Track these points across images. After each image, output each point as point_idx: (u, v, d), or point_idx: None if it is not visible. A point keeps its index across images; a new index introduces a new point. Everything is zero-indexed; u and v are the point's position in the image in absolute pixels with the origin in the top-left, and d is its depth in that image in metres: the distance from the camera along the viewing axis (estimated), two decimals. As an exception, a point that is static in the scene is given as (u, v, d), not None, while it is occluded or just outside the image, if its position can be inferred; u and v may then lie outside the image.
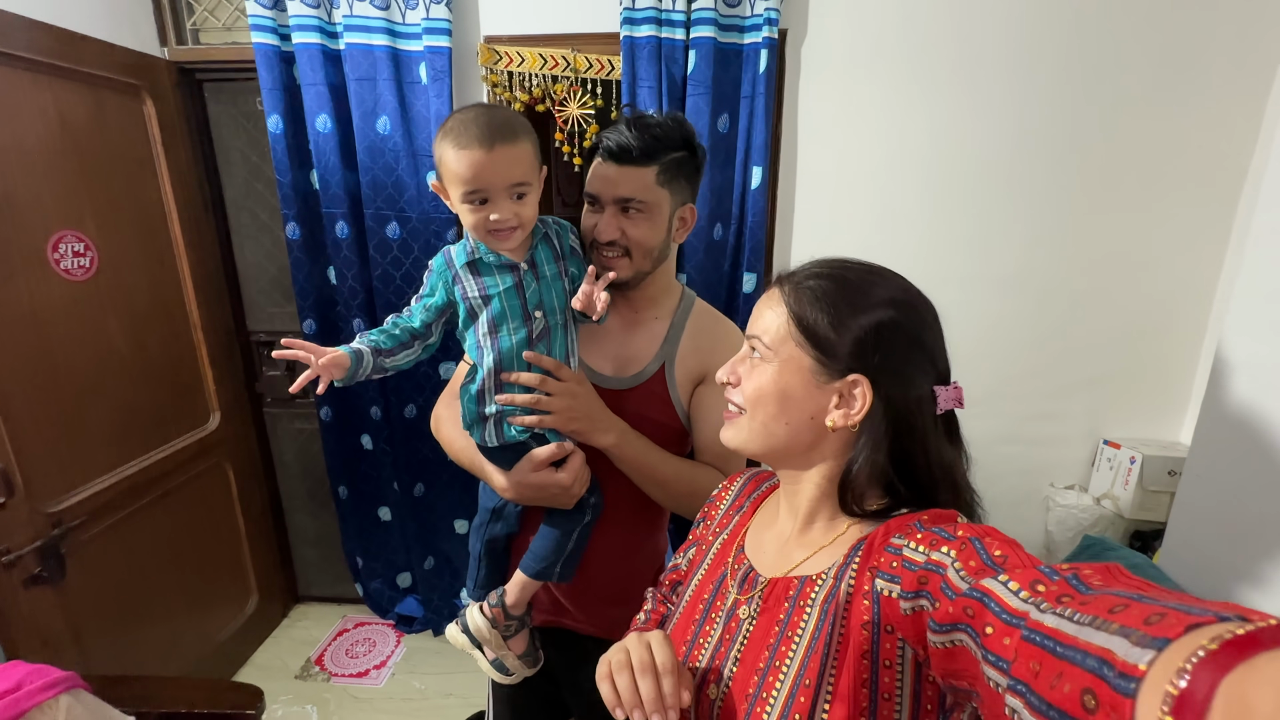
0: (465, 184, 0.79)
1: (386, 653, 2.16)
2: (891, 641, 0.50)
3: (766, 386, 0.60)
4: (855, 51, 1.66)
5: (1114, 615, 0.33)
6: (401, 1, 1.68)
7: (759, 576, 0.63)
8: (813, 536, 0.62)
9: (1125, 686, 0.30)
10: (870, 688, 0.51)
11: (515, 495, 0.91)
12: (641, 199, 0.88)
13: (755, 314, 0.63)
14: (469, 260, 0.86)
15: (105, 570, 1.60)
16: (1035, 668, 0.36)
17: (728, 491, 0.80)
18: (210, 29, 1.86)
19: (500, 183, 0.80)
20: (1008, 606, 0.40)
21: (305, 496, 2.32)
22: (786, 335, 0.59)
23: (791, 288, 0.61)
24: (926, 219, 1.75)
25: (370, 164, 1.78)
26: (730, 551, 0.69)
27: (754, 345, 0.62)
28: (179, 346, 1.87)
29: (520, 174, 0.81)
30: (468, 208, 0.81)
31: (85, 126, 1.55)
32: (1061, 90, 1.61)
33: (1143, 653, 0.30)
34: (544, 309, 0.87)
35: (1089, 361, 1.79)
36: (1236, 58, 1.54)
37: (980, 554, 0.46)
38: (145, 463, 1.72)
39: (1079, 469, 1.88)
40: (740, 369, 0.64)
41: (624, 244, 0.89)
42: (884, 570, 0.52)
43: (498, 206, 0.81)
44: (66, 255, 1.50)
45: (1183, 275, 1.70)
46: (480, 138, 0.77)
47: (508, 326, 0.86)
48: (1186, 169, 1.62)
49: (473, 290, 0.85)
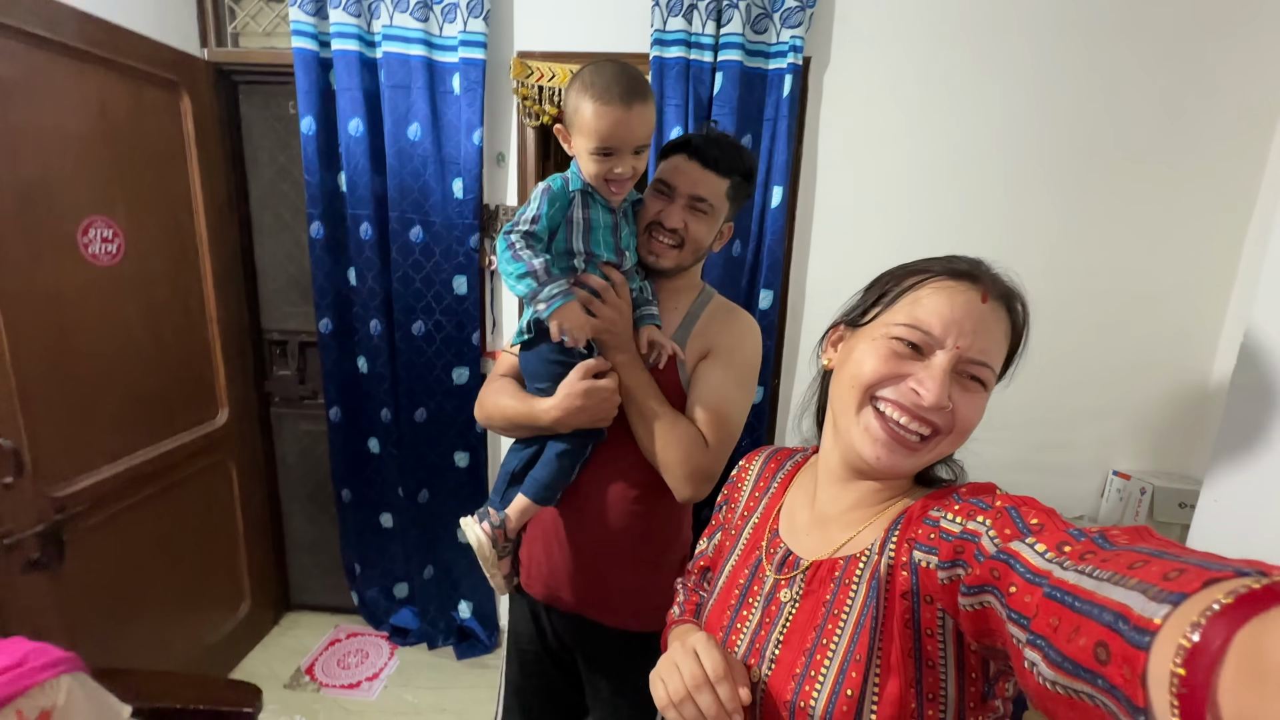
0: (600, 138, 0.86)
1: (379, 665, 2.10)
2: (931, 611, 0.51)
3: (979, 417, 0.56)
4: (875, 81, 1.72)
5: (1133, 571, 0.33)
6: (440, 14, 1.74)
7: (799, 559, 0.63)
8: (855, 516, 0.62)
9: (1139, 639, 0.30)
10: (915, 657, 0.51)
11: (563, 410, 0.93)
12: (712, 203, 0.96)
13: (979, 329, 0.55)
14: (583, 190, 0.93)
15: (102, 561, 1.57)
16: (1054, 622, 0.36)
17: (747, 473, 0.79)
18: (250, 34, 1.92)
19: (631, 140, 0.87)
20: (1032, 566, 0.41)
21: (305, 500, 2.28)
22: (999, 361, 0.57)
23: (1008, 308, 0.58)
24: (941, 246, 1.77)
25: (399, 168, 1.81)
26: (764, 535, 0.69)
27: (978, 374, 0.55)
28: (194, 339, 1.87)
29: (646, 134, 0.89)
30: (594, 158, 0.88)
31: (124, 117, 1.58)
32: (1075, 123, 1.67)
33: (1159, 607, 0.30)
34: (629, 252, 0.96)
35: (1099, 392, 1.81)
36: (1246, 89, 1.61)
37: (1016, 521, 0.46)
38: (151, 453, 1.70)
39: (1088, 499, 1.88)
40: (956, 396, 0.55)
41: (683, 235, 0.97)
42: (921, 542, 0.52)
43: (622, 160, 0.89)
44: (95, 240, 1.51)
45: (1192, 307, 1.73)
46: (622, 96, 0.84)
47: (605, 254, 0.94)
48: (1196, 204, 1.67)
49: (578, 215, 0.93)
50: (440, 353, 1.95)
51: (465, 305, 1.91)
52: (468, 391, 1.97)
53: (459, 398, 1.97)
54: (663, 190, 0.98)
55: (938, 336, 0.55)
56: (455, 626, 2.18)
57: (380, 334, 1.95)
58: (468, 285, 1.89)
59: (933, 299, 0.56)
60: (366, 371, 2.01)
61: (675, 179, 0.96)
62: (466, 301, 1.91)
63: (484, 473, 2.06)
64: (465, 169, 1.80)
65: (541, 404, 0.95)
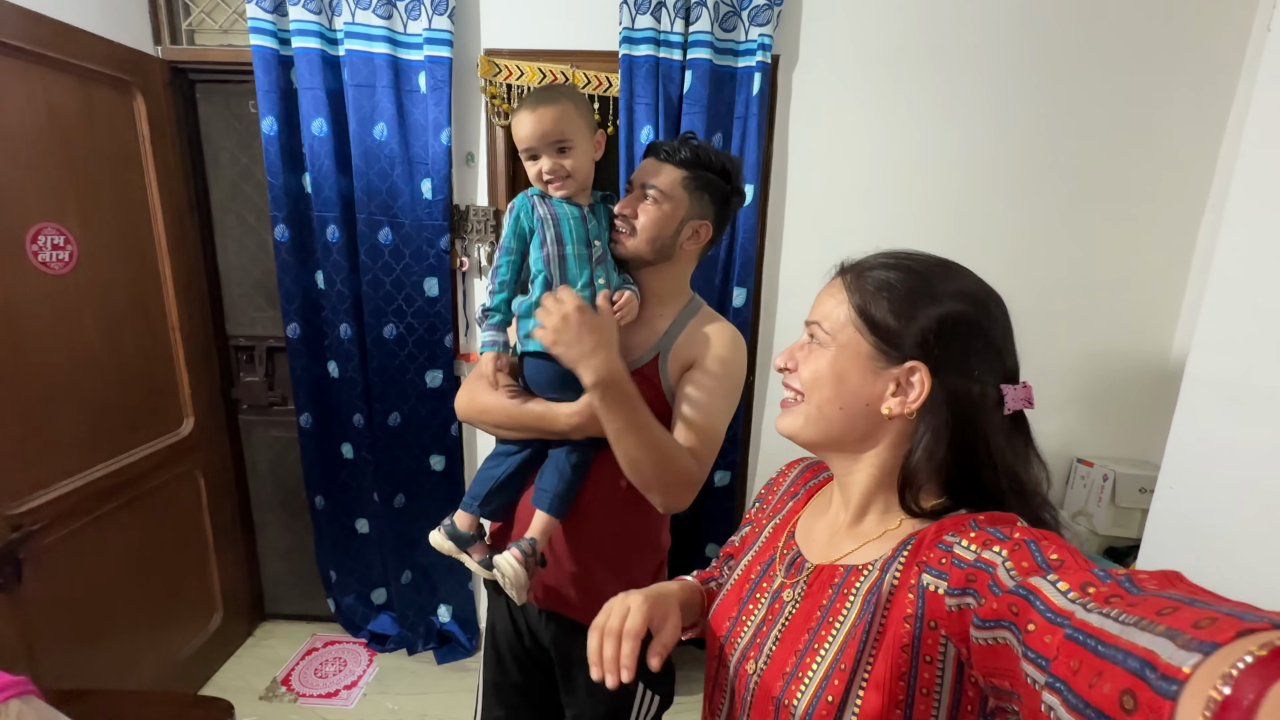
0: (519, 142, 0.96)
1: (358, 672, 2.08)
2: (934, 637, 0.50)
3: (823, 370, 0.61)
4: (843, 78, 1.73)
5: (1162, 617, 0.32)
6: (404, 11, 1.70)
7: (806, 562, 0.64)
8: (864, 528, 0.62)
9: (1166, 689, 0.28)
10: (908, 681, 0.50)
11: (585, 416, 0.94)
12: (662, 190, 0.98)
13: (816, 302, 0.64)
14: (540, 193, 0.99)
15: (64, 579, 1.52)
16: (1075, 666, 0.35)
17: (785, 477, 0.81)
18: (206, 30, 1.86)
19: (543, 138, 0.94)
20: (1053, 605, 0.39)
21: (278, 508, 2.24)
22: (846, 321, 0.60)
23: (855, 276, 0.61)
24: (908, 239, 1.79)
25: (365, 169, 1.77)
26: (781, 536, 0.70)
27: (812, 331, 0.63)
28: (155, 347, 1.82)
29: (557, 131, 0.94)
30: (527, 164, 0.97)
31: (73, 119, 1.52)
32: (1036, 120, 1.71)
33: (1188, 655, 0.28)
34: (601, 241, 1.00)
35: (1061, 381, 1.86)
36: (1197, 86, 1.66)
37: (1034, 555, 0.45)
38: (113, 466, 1.65)
39: (1054, 487, 1.93)
40: (798, 354, 0.64)
41: (632, 221, 0.99)
42: (932, 566, 0.51)
43: (546, 161, 0.95)
44: (45, 248, 1.46)
45: (1149, 296, 1.79)
46: (528, 103, 0.95)
47: (573, 245, 0.97)
48: (1151, 194, 1.73)
49: (543, 210, 0.98)
50: (413, 356, 1.92)
51: (437, 308, 1.89)
52: (442, 394, 1.95)
53: (433, 401, 1.95)
54: (627, 188, 1.03)
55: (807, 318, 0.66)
56: (435, 631, 2.16)
57: (351, 338, 1.91)
58: (439, 287, 1.87)
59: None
60: (337, 376, 1.97)
61: (634, 174, 1.02)
62: (438, 304, 1.88)
63: (460, 476, 2.04)
64: (434, 169, 1.77)
65: (563, 409, 0.97)
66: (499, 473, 1.04)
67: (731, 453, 1.93)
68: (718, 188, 1.01)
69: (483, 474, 1.06)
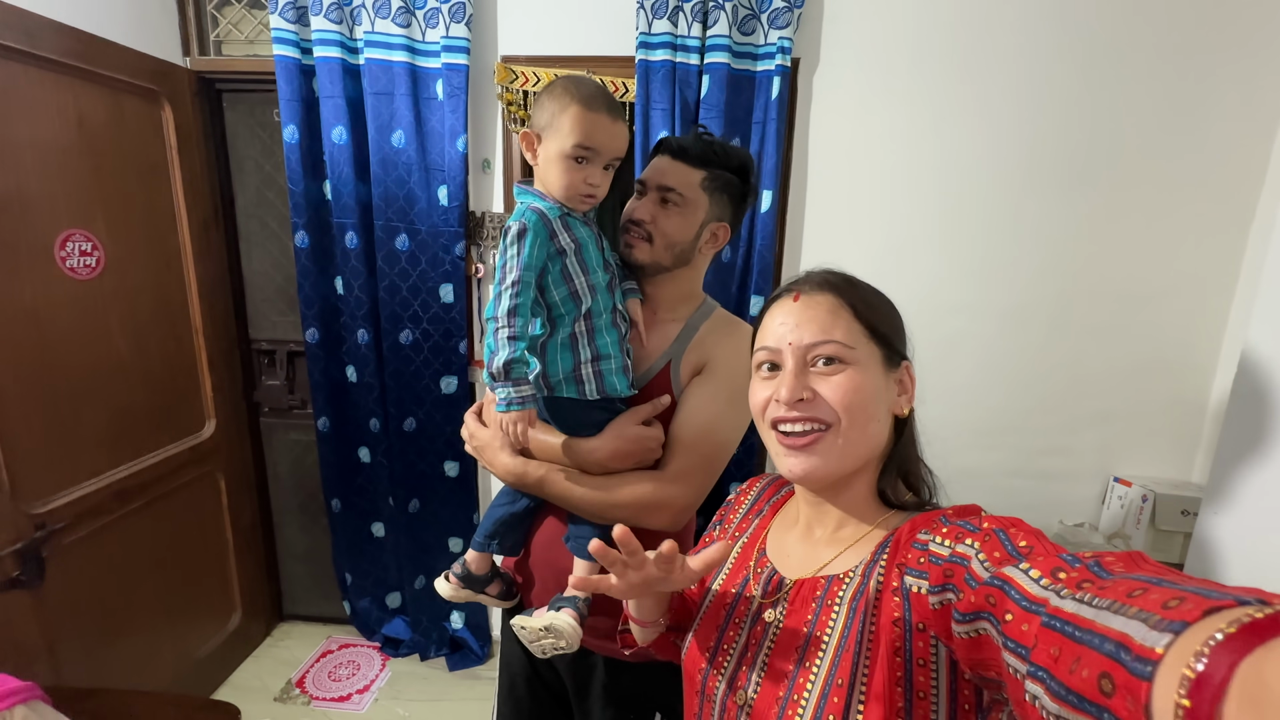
0: (583, 139, 0.84)
1: (371, 676, 2.08)
2: (924, 640, 0.49)
3: (866, 388, 0.57)
4: (866, 82, 1.68)
5: (1132, 599, 0.33)
6: (422, 19, 1.71)
7: (784, 579, 0.62)
8: (840, 535, 0.61)
9: (1142, 670, 0.29)
10: (905, 686, 0.49)
11: (610, 453, 0.90)
12: (681, 193, 0.92)
13: (806, 321, 0.58)
14: (561, 214, 0.89)
15: (85, 577, 1.55)
16: (1054, 653, 0.35)
17: (746, 496, 0.79)
18: (233, 41, 1.90)
19: (610, 150, 0.87)
20: (1027, 593, 0.40)
21: (297, 510, 2.27)
22: (859, 332, 0.58)
23: (832, 289, 0.60)
24: (935, 248, 1.75)
25: (383, 176, 1.79)
26: (751, 555, 0.68)
27: (828, 354, 0.57)
28: (179, 351, 1.85)
29: (622, 149, 0.89)
30: (566, 164, 0.86)
31: (103, 128, 1.57)
32: (1070, 122, 1.63)
33: (1160, 636, 0.29)
34: (613, 261, 0.95)
35: (1099, 396, 1.77)
36: (1245, 84, 1.56)
37: (1005, 544, 0.46)
38: (136, 467, 1.68)
39: (1089, 506, 1.84)
40: (815, 384, 0.57)
41: (650, 228, 0.93)
42: (912, 566, 0.51)
43: (595, 172, 0.87)
44: (73, 254, 1.50)
45: (1193, 310, 1.69)
46: (609, 106, 0.86)
47: (597, 272, 0.91)
48: (1196, 197, 1.63)
49: (566, 238, 0.89)
50: (428, 362, 1.93)
51: (452, 314, 1.89)
52: (456, 400, 1.95)
53: (448, 407, 1.95)
54: (639, 189, 0.97)
55: (774, 347, 0.60)
56: (447, 637, 2.16)
57: (368, 343, 1.93)
58: (454, 294, 1.87)
59: (766, 320, 0.63)
60: (355, 381, 1.99)
61: (646, 175, 0.95)
62: (453, 310, 1.88)
63: (474, 482, 2.04)
64: (450, 176, 1.78)
65: (587, 444, 0.92)
66: (516, 509, 1.00)
67: (747, 462, 1.88)
68: (736, 187, 0.96)
69: (495, 511, 1.02)
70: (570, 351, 0.90)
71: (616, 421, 0.92)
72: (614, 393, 0.92)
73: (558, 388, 0.91)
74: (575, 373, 0.90)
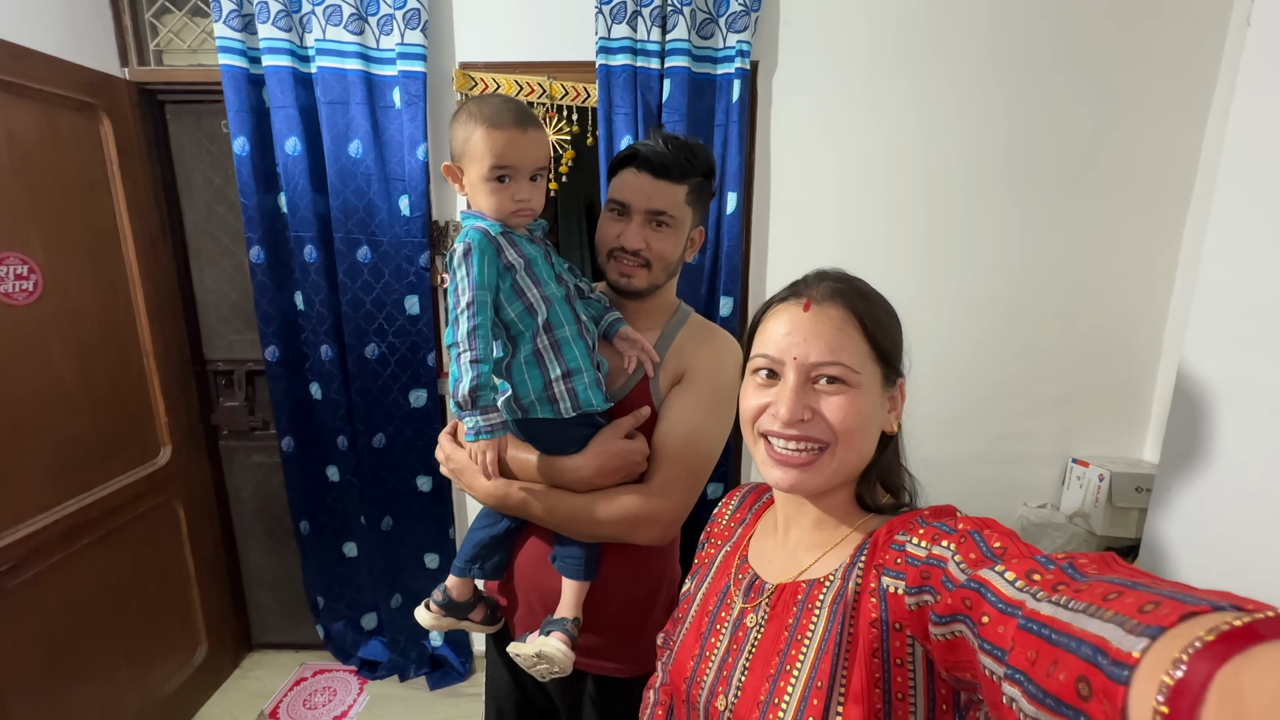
0: (497, 159, 0.82)
1: (348, 701, 2.02)
2: (901, 640, 0.50)
3: (865, 411, 0.56)
4: (823, 84, 1.72)
5: (1108, 603, 0.33)
6: (376, 26, 1.67)
7: (765, 584, 0.63)
8: (819, 539, 0.61)
9: (1118, 674, 0.30)
10: (883, 687, 0.50)
11: (595, 470, 0.88)
12: (672, 214, 0.90)
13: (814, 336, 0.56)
14: (502, 230, 0.86)
15: (35, 620, 1.47)
16: (1032, 656, 0.36)
17: (728, 506, 0.79)
18: (174, 50, 1.82)
19: (529, 163, 0.85)
20: (1003, 596, 0.40)
21: (262, 535, 2.18)
22: (865, 354, 0.56)
23: (844, 301, 0.57)
24: (895, 243, 1.80)
25: (341, 187, 1.74)
26: (733, 562, 0.68)
27: (832, 374, 0.56)
28: (129, 376, 1.77)
29: (543, 158, 0.87)
30: (490, 186, 0.84)
31: (35, 145, 1.48)
32: (1019, 119, 1.70)
33: (1136, 640, 0.30)
34: (567, 276, 0.92)
35: (1055, 381, 1.84)
36: (1177, 81, 1.65)
37: (980, 546, 0.47)
38: (86, 500, 1.60)
39: (1050, 488, 1.91)
40: (819, 403, 0.56)
41: (647, 255, 0.91)
42: (889, 567, 0.52)
43: (522, 187, 0.85)
44: (8, 278, 1.41)
45: (1138, 294, 1.78)
46: (515, 120, 0.83)
47: (550, 284, 0.88)
48: (1136, 191, 1.72)
49: (512, 254, 0.86)
50: (396, 375, 1.88)
51: (419, 326, 1.85)
52: (426, 415, 1.91)
53: (418, 421, 1.91)
54: (616, 209, 0.91)
55: (777, 357, 0.57)
56: (427, 655, 2.11)
57: (332, 359, 1.87)
58: (420, 305, 1.83)
59: (770, 325, 0.59)
60: (320, 398, 1.93)
61: (628, 196, 0.90)
62: (420, 322, 1.85)
63: (448, 497, 2.00)
64: (411, 185, 1.74)
65: (571, 462, 0.89)
66: (497, 530, 0.97)
67: (723, 465, 1.90)
68: (708, 190, 0.96)
69: (475, 534, 0.99)
70: (538, 369, 0.86)
71: (599, 437, 0.90)
72: (590, 408, 0.89)
73: (531, 409, 0.88)
74: (547, 391, 0.87)
